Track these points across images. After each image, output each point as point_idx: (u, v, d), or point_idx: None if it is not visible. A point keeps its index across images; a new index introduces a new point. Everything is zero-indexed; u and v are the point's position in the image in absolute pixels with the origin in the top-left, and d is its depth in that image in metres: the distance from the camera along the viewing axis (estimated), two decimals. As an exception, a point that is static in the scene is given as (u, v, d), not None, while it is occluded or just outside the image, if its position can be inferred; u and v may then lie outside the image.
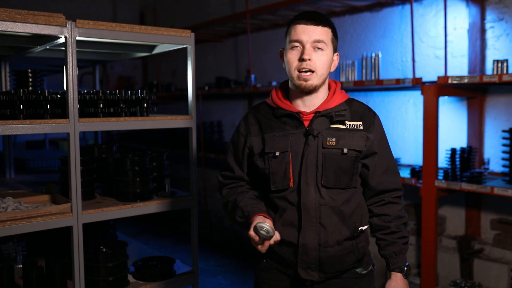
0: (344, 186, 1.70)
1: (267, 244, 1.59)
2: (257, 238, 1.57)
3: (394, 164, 1.82)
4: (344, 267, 1.73)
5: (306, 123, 1.70)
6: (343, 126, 1.71)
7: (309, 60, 1.63)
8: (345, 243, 1.70)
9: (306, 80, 1.65)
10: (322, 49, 1.65)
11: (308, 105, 1.72)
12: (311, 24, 1.64)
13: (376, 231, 1.80)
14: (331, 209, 1.68)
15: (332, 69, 1.73)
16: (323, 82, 1.71)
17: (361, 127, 1.72)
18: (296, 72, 1.65)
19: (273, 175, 1.70)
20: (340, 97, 1.75)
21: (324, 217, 1.67)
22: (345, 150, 1.68)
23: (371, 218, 1.81)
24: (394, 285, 1.76)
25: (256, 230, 1.57)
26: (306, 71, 1.64)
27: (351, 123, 1.72)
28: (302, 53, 1.64)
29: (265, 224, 1.58)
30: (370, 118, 1.75)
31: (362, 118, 1.74)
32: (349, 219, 1.71)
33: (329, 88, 1.78)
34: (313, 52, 1.64)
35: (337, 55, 1.74)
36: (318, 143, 1.67)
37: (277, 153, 1.68)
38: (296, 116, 1.70)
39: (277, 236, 1.60)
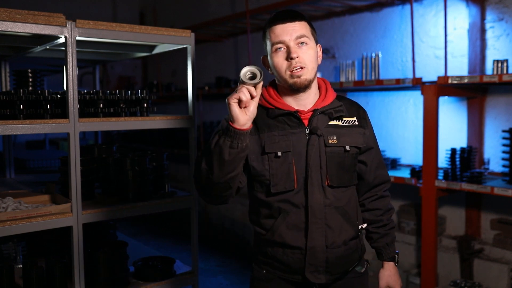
0: (347, 184, 1.70)
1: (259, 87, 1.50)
2: (250, 89, 1.48)
3: (382, 157, 1.88)
4: (349, 266, 1.73)
5: (305, 122, 1.67)
6: (340, 123, 1.70)
7: (297, 57, 1.59)
8: (350, 243, 1.71)
9: (299, 77, 1.61)
10: (306, 43, 1.62)
11: (303, 104, 1.69)
12: (288, 22, 1.61)
13: (368, 225, 1.84)
14: (336, 209, 1.67)
15: (319, 61, 1.70)
16: (314, 77, 1.68)
17: (356, 123, 1.73)
18: (288, 72, 1.61)
19: (274, 177, 1.63)
20: (332, 95, 1.73)
21: (330, 218, 1.65)
22: (347, 148, 1.67)
23: (363, 212, 1.83)
24: (388, 274, 1.84)
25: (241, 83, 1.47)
26: (297, 69, 1.61)
27: (347, 119, 1.72)
28: (289, 52, 1.60)
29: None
30: (362, 113, 1.78)
31: (355, 114, 1.75)
32: (352, 218, 1.71)
33: (319, 87, 1.75)
34: (298, 48, 1.61)
35: (319, 46, 1.71)
36: (321, 142, 1.65)
37: (279, 153, 1.62)
38: (295, 115, 1.65)
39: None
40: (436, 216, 3.39)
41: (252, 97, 1.48)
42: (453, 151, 3.44)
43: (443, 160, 3.59)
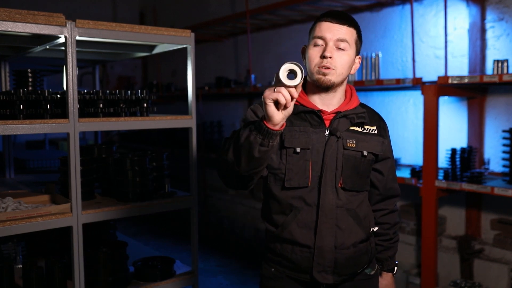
0: (359, 189, 1.70)
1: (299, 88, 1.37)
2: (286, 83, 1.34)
3: (395, 170, 1.89)
4: (358, 268, 1.73)
5: (327, 123, 1.68)
6: (360, 129, 1.71)
7: (330, 58, 1.60)
8: (360, 245, 1.71)
9: (324, 74, 1.61)
10: (344, 49, 1.62)
11: (327, 104, 1.69)
12: (337, 23, 1.61)
13: (374, 237, 1.84)
14: (347, 211, 1.67)
15: (353, 71, 1.70)
16: (341, 82, 1.67)
17: (376, 132, 1.74)
18: (316, 68, 1.62)
19: (289, 172, 1.65)
20: (357, 101, 1.74)
21: (340, 219, 1.66)
22: (365, 153, 1.68)
23: None
24: (385, 284, 1.89)
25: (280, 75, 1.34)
26: (325, 67, 1.60)
27: (368, 127, 1.73)
28: (324, 50, 1.60)
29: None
30: (382, 123, 1.79)
31: (375, 123, 1.76)
32: (364, 221, 1.72)
33: (345, 91, 1.75)
34: (335, 51, 1.61)
35: (359, 58, 1.71)
36: (339, 144, 1.66)
37: (298, 149, 1.63)
38: (318, 114, 1.66)
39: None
40: (436, 216, 3.38)
41: (292, 98, 1.37)
42: (453, 151, 3.44)
43: (443, 160, 3.59)
